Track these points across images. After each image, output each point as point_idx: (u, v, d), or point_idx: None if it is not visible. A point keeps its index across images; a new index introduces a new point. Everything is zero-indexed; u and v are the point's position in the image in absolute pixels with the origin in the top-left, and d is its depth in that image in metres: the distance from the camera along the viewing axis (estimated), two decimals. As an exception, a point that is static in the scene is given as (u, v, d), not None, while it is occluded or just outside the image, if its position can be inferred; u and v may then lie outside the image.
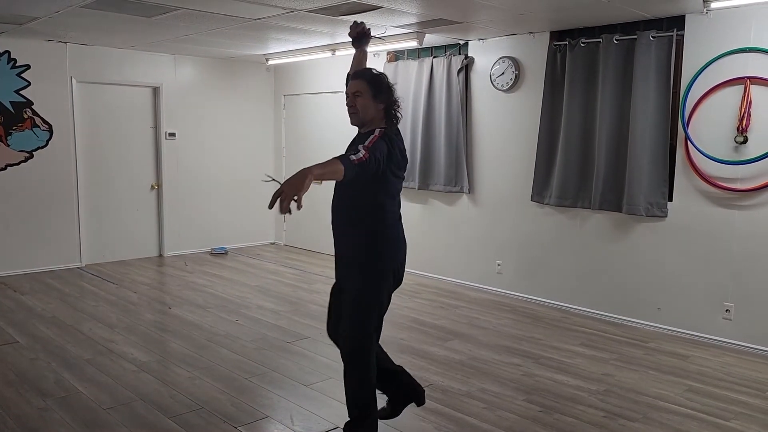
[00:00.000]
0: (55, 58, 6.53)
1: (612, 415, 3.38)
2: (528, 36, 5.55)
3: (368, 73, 2.94)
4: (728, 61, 4.40)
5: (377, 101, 2.88)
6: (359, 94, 2.87)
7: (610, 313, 5.17)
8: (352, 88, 2.90)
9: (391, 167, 2.82)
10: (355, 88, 2.89)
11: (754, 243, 4.37)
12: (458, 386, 3.75)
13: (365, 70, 2.99)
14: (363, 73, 2.96)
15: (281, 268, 7.03)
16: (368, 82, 2.89)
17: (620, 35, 4.90)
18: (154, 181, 7.45)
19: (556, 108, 5.36)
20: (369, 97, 2.87)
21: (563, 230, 5.46)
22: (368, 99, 2.87)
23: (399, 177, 2.94)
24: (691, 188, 4.66)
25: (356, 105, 2.88)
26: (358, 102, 2.88)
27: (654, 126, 4.74)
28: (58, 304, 5.44)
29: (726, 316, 4.53)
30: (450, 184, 6.20)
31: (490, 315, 5.27)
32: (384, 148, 2.77)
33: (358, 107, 2.88)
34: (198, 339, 4.58)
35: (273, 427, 3.22)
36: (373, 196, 2.88)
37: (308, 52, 6.69)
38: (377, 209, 2.89)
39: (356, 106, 2.88)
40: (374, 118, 2.89)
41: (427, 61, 6.26)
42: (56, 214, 6.67)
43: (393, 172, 2.86)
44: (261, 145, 8.29)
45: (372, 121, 2.89)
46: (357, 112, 2.89)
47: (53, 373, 3.90)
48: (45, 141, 6.53)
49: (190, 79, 7.56)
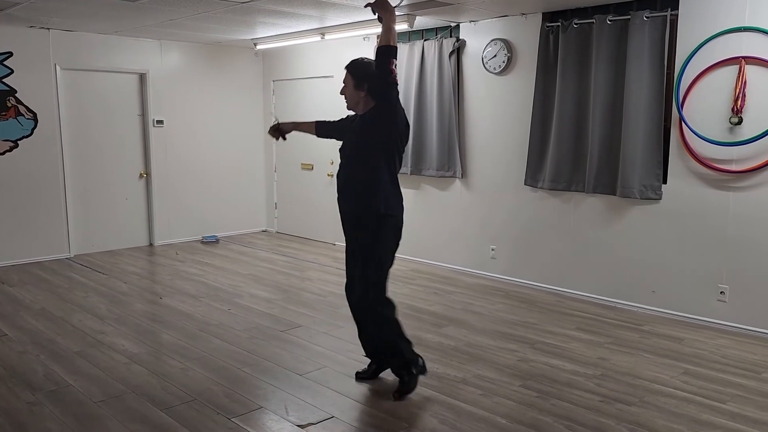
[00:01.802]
0: (38, 45, 6.39)
1: (608, 400, 3.37)
2: (520, 17, 5.47)
3: (349, 63, 3.36)
4: (723, 40, 4.35)
5: (359, 89, 3.29)
6: (345, 84, 3.34)
7: (605, 296, 5.15)
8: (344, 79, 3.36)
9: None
10: (344, 79, 3.34)
11: (749, 224, 4.35)
12: (454, 373, 3.72)
13: (351, 61, 3.38)
14: (348, 64, 3.37)
15: (273, 256, 6.98)
16: (348, 71, 3.34)
17: (613, 15, 4.83)
18: (143, 169, 7.35)
19: (549, 90, 5.30)
20: (352, 87, 3.32)
21: (557, 214, 5.43)
22: (351, 88, 3.32)
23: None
24: (685, 170, 4.63)
25: (345, 94, 3.37)
26: (345, 92, 3.36)
27: (648, 107, 4.70)
28: (46, 295, 5.37)
29: (720, 299, 4.52)
30: (443, 169, 6.14)
31: (484, 300, 5.25)
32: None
33: (346, 96, 3.36)
34: (190, 329, 4.52)
35: (267, 418, 3.18)
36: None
37: (297, 36, 6.58)
38: None
39: (345, 95, 3.37)
40: (360, 102, 3.33)
41: (418, 44, 6.17)
42: (43, 204, 6.57)
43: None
44: (251, 132, 8.18)
45: (361, 104, 3.33)
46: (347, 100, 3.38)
47: (42, 366, 3.84)
48: (30, 130, 6.41)
49: (178, 65, 7.44)
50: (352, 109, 3.40)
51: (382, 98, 3.24)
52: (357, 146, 3.36)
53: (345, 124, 3.61)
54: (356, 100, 3.33)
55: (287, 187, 8.19)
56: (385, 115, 3.24)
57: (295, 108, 7.85)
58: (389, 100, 3.23)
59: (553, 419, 3.15)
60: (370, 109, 3.31)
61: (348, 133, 3.49)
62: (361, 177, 3.30)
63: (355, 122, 3.44)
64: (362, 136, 3.34)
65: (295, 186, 8.05)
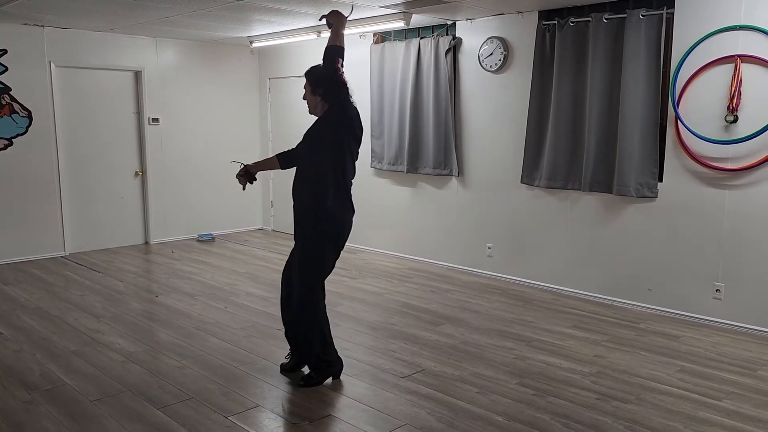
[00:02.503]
0: (32, 42, 6.36)
1: (605, 397, 3.37)
2: (516, 16, 5.47)
3: (307, 70, 3.47)
4: (718, 39, 4.36)
5: (316, 94, 3.41)
6: (305, 90, 3.46)
7: (601, 294, 5.16)
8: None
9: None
10: (304, 85, 3.46)
11: (744, 222, 4.37)
12: (451, 371, 3.72)
13: (308, 68, 3.49)
14: (306, 71, 3.48)
15: (269, 254, 6.97)
16: (306, 78, 3.45)
17: (610, 14, 4.84)
18: (138, 167, 7.33)
19: (545, 89, 5.30)
20: (309, 92, 3.44)
21: (553, 212, 5.43)
22: (309, 93, 3.44)
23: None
24: (681, 168, 4.64)
25: (306, 100, 3.48)
26: (306, 98, 3.47)
27: (644, 106, 4.70)
28: (42, 294, 5.35)
29: (716, 296, 4.53)
30: (439, 167, 6.14)
31: (481, 298, 5.25)
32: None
33: (308, 102, 3.47)
34: (186, 327, 4.51)
35: (264, 416, 3.18)
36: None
37: (293, 34, 6.57)
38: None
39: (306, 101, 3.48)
40: (317, 106, 3.43)
41: (414, 42, 6.17)
42: (38, 203, 6.54)
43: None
44: (247, 130, 8.18)
45: (318, 108, 3.43)
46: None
47: (38, 365, 3.83)
48: (24, 128, 6.38)
49: (173, 62, 7.41)
50: (313, 113, 3.49)
51: (333, 99, 3.37)
52: (308, 146, 3.48)
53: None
54: (314, 104, 3.44)
55: (283, 185, 8.16)
56: (334, 114, 3.36)
57: (292, 106, 7.85)
58: (339, 99, 3.36)
59: (549, 417, 3.15)
60: (324, 111, 3.41)
61: (304, 137, 3.55)
62: (308, 177, 3.45)
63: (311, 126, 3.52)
64: (312, 137, 3.46)
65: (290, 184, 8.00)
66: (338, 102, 3.37)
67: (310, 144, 3.46)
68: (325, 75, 3.38)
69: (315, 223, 3.42)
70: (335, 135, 3.37)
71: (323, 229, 3.42)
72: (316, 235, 3.43)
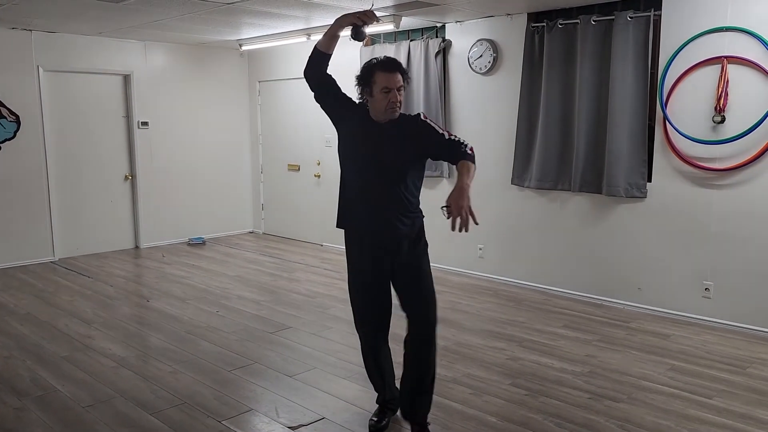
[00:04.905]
0: (20, 47, 6.31)
1: (597, 397, 3.39)
2: (505, 18, 5.50)
3: (401, 65, 2.91)
4: (705, 40, 4.40)
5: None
6: (401, 88, 2.84)
7: (592, 294, 5.19)
8: (397, 82, 2.80)
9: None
10: (399, 82, 2.81)
11: (732, 221, 4.41)
12: (444, 372, 3.72)
13: (398, 63, 2.90)
14: (399, 66, 2.87)
15: (260, 257, 6.95)
16: (403, 75, 2.86)
17: (598, 16, 4.87)
18: (128, 171, 7.29)
19: (534, 90, 5.33)
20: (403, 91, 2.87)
21: (544, 213, 5.46)
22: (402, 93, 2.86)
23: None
24: (670, 168, 4.68)
25: (401, 99, 2.84)
26: (402, 96, 2.84)
27: (632, 107, 4.74)
28: (31, 300, 5.31)
29: (706, 295, 4.57)
30: (430, 169, 6.15)
31: (472, 299, 5.27)
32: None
33: (402, 101, 2.85)
34: (178, 332, 4.49)
35: (258, 420, 3.17)
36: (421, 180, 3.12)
37: (283, 36, 6.57)
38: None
39: (401, 100, 2.84)
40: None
41: (404, 44, 6.18)
42: (27, 208, 6.49)
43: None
44: (236, 133, 8.16)
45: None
46: (400, 106, 2.84)
47: (29, 371, 3.80)
48: (12, 133, 6.33)
49: (162, 66, 7.38)
50: (394, 115, 2.92)
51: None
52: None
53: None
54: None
55: (274, 188, 8.16)
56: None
57: (282, 109, 7.84)
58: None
59: (542, 417, 3.17)
60: (398, 119, 2.96)
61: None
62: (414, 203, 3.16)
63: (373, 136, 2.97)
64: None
65: (281, 187, 8.02)
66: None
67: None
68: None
69: (423, 230, 3.11)
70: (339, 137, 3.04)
71: (346, 237, 3.07)
72: (426, 243, 3.11)
